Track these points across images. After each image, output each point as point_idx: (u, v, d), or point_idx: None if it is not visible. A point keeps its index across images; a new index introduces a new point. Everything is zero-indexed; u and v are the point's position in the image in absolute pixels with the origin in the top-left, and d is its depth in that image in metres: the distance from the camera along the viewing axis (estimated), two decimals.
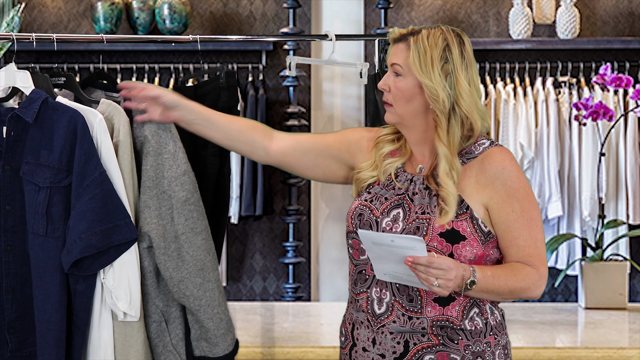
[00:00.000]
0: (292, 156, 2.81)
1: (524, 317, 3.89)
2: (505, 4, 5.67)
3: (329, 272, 5.84)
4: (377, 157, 2.71)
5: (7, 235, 2.75)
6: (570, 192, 5.48)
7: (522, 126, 5.39)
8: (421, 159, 2.68)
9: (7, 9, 4.51)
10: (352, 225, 2.66)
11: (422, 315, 2.57)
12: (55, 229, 2.71)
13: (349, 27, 5.74)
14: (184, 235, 2.76)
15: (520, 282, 2.56)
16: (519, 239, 2.58)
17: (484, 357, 2.59)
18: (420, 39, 2.59)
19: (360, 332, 2.65)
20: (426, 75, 2.58)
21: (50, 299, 2.72)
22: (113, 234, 2.68)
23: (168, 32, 5.51)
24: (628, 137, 5.38)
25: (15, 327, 2.76)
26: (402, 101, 2.62)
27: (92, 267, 2.71)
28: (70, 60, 5.52)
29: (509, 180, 2.59)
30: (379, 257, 2.52)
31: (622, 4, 5.67)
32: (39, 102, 2.73)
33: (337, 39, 3.19)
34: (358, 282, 2.66)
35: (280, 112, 5.67)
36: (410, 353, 2.58)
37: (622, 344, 3.48)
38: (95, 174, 2.69)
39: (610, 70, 4.65)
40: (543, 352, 3.37)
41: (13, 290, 2.76)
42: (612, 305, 4.11)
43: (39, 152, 2.73)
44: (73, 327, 2.75)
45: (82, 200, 2.68)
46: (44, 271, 2.72)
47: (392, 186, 2.65)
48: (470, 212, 2.57)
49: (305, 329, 3.68)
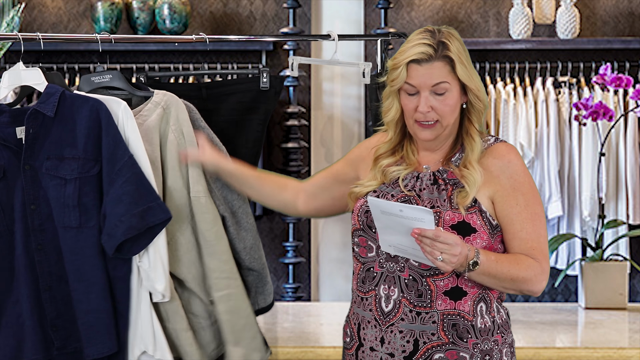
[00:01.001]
0: (316, 200, 2.90)
1: (524, 317, 3.89)
2: (505, 4, 5.67)
3: (329, 272, 5.84)
4: (377, 171, 2.71)
5: (36, 234, 2.75)
6: (570, 192, 5.48)
7: (522, 126, 5.39)
8: (427, 160, 2.69)
9: (7, 9, 4.51)
10: (359, 222, 2.66)
11: (431, 309, 2.57)
12: (89, 218, 2.73)
13: (349, 27, 5.74)
14: (240, 208, 2.98)
15: (522, 272, 2.56)
16: (522, 231, 2.59)
17: (492, 355, 2.60)
18: (452, 48, 2.58)
19: (367, 331, 2.64)
20: (470, 80, 2.61)
21: (95, 288, 2.74)
22: (148, 215, 2.71)
23: (168, 32, 5.51)
24: (628, 137, 5.38)
25: (57, 324, 2.77)
26: (450, 114, 2.62)
27: (132, 250, 2.74)
28: (70, 60, 5.52)
29: (514, 174, 2.62)
30: (386, 226, 2.51)
31: (622, 4, 5.67)
32: (57, 96, 2.74)
33: (339, 39, 3.19)
34: (366, 281, 2.66)
35: (280, 112, 5.67)
36: (420, 352, 2.58)
37: (622, 344, 3.48)
38: (125, 158, 2.72)
39: (610, 70, 4.65)
40: (543, 352, 3.37)
41: (50, 289, 2.76)
42: (612, 305, 4.11)
43: (61, 145, 2.74)
44: (117, 314, 2.78)
45: (116, 184, 2.71)
46: (82, 263, 2.74)
47: (397, 184, 2.66)
48: (479, 205, 2.59)
49: (305, 329, 3.68)
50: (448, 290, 2.58)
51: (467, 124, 2.65)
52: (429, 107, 2.59)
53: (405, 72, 2.58)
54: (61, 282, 2.76)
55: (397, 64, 2.60)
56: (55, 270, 2.76)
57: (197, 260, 2.89)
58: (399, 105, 2.66)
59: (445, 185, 2.61)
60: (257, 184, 2.95)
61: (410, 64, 2.58)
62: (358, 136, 5.75)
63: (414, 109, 2.61)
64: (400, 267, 2.61)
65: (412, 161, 2.68)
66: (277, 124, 5.67)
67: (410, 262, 2.59)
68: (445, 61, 2.57)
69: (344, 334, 2.74)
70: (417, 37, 2.60)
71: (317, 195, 2.90)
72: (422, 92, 2.58)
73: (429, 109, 2.59)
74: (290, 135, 5.59)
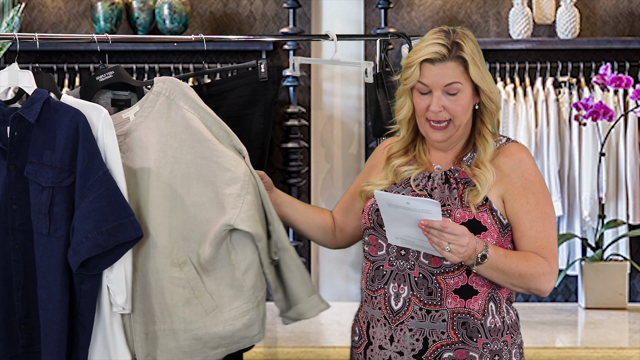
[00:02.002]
0: (346, 225, 2.87)
1: (524, 317, 3.90)
2: (505, 4, 5.67)
3: (329, 272, 5.84)
4: (388, 170, 2.72)
5: (15, 234, 2.76)
6: (570, 192, 5.48)
7: (522, 126, 5.39)
8: (439, 160, 2.69)
9: (7, 9, 4.51)
10: (369, 221, 2.67)
11: (441, 307, 2.58)
12: (57, 228, 2.72)
13: (349, 27, 5.74)
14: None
15: (531, 269, 2.56)
16: (532, 230, 2.60)
17: (502, 355, 2.60)
18: (465, 49, 2.59)
19: (376, 330, 2.65)
20: (483, 81, 2.62)
21: (53, 298, 2.72)
22: (119, 233, 2.68)
23: (168, 32, 5.51)
24: (628, 137, 5.38)
25: (27, 323, 2.77)
26: (462, 115, 2.63)
27: (98, 266, 2.71)
28: (70, 60, 5.51)
29: (525, 173, 2.62)
30: (393, 219, 2.51)
31: (622, 4, 5.67)
32: (40, 102, 2.74)
33: (338, 39, 3.19)
34: (375, 279, 2.66)
35: (280, 112, 5.67)
36: (430, 350, 2.58)
37: (622, 344, 3.48)
38: (99, 174, 2.69)
39: (610, 70, 4.65)
40: (543, 352, 3.37)
41: (23, 288, 2.77)
42: (612, 305, 4.11)
43: (42, 152, 2.74)
44: (79, 327, 2.76)
45: (86, 200, 2.69)
46: (47, 271, 2.73)
47: (409, 184, 2.67)
48: (490, 204, 2.59)
49: (306, 329, 3.67)
50: (458, 288, 2.58)
51: (479, 125, 2.66)
52: (441, 107, 2.60)
53: (418, 71, 2.60)
54: (35, 282, 2.76)
55: (410, 63, 2.62)
56: (30, 271, 2.76)
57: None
58: (411, 104, 2.66)
59: (456, 184, 2.62)
60: (304, 208, 2.91)
61: (423, 63, 2.59)
62: (358, 136, 5.75)
63: (425, 108, 2.62)
64: (410, 264, 2.61)
65: (423, 161, 2.69)
66: (277, 124, 5.66)
67: (421, 260, 2.60)
68: (458, 62, 2.59)
69: (352, 332, 2.75)
70: (431, 37, 2.62)
71: (345, 220, 2.89)
72: (435, 92, 2.60)
73: (440, 109, 2.60)
74: (290, 135, 5.59)
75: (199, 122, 2.78)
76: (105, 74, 2.93)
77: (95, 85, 2.94)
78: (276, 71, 3.05)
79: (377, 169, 2.80)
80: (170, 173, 2.77)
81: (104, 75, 2.94)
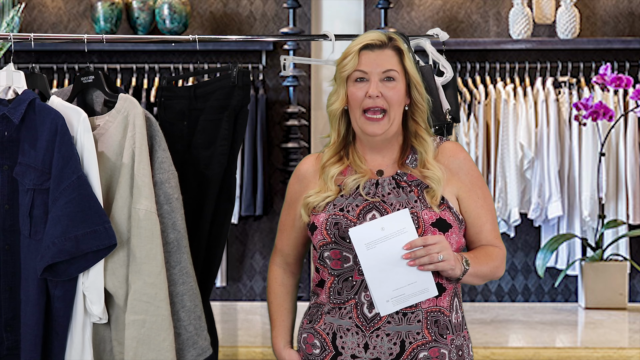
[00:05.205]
0: (299, 252, 2.82)
1: (524, 317, 3.89)
2: (505, 4, 5.67)
3: None
4: (327, 180, 2.69)
5: (6, 234, 2.74)
6: (570, 192, 5.48)
7: (522, 126, 5.39)
8: (376, 164, 2.69)
9: (7, 9, 4.51)
10: (328, 236, 2.63)
11: (417, 308, 2.59)
12: (37, 231, 2.68)
13: (349, 27, 5.74)
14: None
15: (495, 261, 2.67)
16: (487, 223, 2.69)
17: (463, 350, 2.66)
18: (400, 43, 2.67)
19: (346, 339, 2.62)
20: (416, 74, 2.68)
21: (30, 302, 2.69)
22: (91, 240, 2.63)
23: (168, 32, 5.51)
24: (628, 137, 5.38)
25: (13, 325, 2.75)
26: (397, 105, 2.66)
27: (67, 272, 2.67)
28: (70, 60, 5.51)
29: (470, 169, 2.71)
30: (377, 268, 2.52)
31: (622, 4, 5.67)
32: (26, 103, 2.72)
33: (337, 39, 3.19)
34: (343, 291, 2.63)
35: (280, 112, 5.67)
36: (406, 352, 2.59)
37: (622, 344, 3.48)
38: (72, 178, 2.65)
39: (610, 70, 4.66)
40: (543, 352, 3.37)
41: (10, 289, 2.74)
42: (612, 305, 4.11)
43: (27, 153, 2.72)
44: (52, 332, 2.72)
45: (58, 204, 2.64)
46: (27, 273, 2.70)
47: (358, 194, 2.65)
48: (447, 202, 2.64)
49: None
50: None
51: (413, 125, 2.69)
52: (379, 92, 2.62)
53: (356, 59, 2.64)
54: (21, 285, 2.74)
55: (349, 51, 2.67)
56: (18, 272, 2.74)
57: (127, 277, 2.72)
58: (345, 96, 2.66)
59: (409, 186, 2.64)
60: (293, 314, 2.85)
61: (362, 50, 2.64)
62: None
63: (362, 96, 2.63)
64: None
65: (362, 169, 2.68)
66: (277, 124, 5.67)
67: None
68: (395, 51, 2.66)
69: (307, 346, 2.69)
70: (368, 32, 2.71)
71: (298, 249, 2.82)
72: (373, 78, 2.63)
73: (378, 94, 2.62)
74: (290, 135, 5.59)
75: (131, 150, 2.75)
76: (87, 77, 2.94)
77: (80, 86, 2.95)
78: (242, 76, 2.95)
79: (305, 192, 2.74)
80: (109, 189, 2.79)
81: (87, 78, 2.95)
